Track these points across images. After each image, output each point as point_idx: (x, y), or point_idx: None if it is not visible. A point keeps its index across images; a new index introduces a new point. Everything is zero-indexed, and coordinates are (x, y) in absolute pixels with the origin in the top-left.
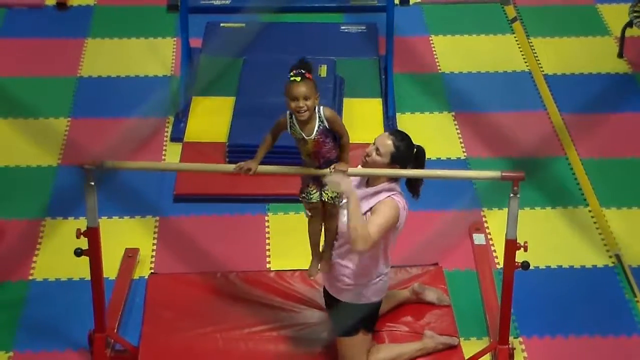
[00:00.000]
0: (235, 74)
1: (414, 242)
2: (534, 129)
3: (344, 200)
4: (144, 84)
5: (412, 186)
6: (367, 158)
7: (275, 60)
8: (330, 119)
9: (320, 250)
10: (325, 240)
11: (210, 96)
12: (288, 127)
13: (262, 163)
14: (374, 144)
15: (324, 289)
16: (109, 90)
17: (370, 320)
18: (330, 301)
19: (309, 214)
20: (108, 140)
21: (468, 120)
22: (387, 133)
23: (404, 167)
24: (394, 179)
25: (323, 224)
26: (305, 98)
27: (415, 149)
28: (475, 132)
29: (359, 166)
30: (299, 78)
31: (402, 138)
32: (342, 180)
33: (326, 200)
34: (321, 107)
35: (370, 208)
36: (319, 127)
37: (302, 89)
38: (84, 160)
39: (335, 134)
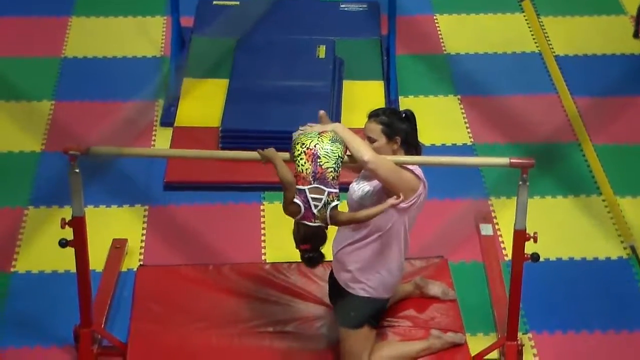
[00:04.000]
0: (229, 55)
1: (417, 234)
2: (545, 113)
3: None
4: (131, 65)
5: (412, 148)
6: None
7: (271, 41)
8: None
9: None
10: None
11: (202, 78)
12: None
13: (253, 149)
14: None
15: (330, 277)
16: (94, 72)
17: (376, 315)
18: (337, 291)
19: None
20: (95, 124)
21: (475, 104)
22: (366, 121)
23: (403, 135)
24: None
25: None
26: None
27: (403, 114)
28: (483, 117)
29: None
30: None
31: (380, 113)
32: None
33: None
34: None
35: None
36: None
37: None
38: (69, 145)
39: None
